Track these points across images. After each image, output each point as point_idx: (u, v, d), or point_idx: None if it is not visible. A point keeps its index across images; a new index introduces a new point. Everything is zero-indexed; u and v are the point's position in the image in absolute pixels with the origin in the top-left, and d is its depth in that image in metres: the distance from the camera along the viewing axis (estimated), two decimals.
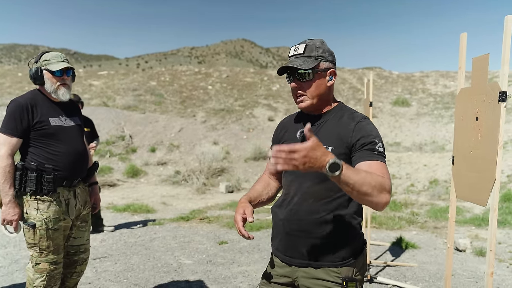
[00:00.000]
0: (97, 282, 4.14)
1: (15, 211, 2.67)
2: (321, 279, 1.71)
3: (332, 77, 1.77)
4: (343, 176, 1.37)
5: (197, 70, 22.63)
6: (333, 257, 1.71)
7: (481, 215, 7.08)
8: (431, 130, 14.56)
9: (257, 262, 4.75)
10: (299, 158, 1.32)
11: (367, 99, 4.56)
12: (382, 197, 1.47)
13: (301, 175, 1.75)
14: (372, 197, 1.46)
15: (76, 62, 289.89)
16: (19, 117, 2.67)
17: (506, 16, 1.97)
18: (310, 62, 1.71)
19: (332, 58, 1.77)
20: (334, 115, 1.77)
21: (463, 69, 2.52)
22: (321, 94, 1.75)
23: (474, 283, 4.29)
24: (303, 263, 1.75)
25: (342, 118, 1.75)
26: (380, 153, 1.63)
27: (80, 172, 2.92)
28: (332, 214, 1.70)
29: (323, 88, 1.75)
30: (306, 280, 1.74)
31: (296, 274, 1.77)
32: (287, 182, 1.84)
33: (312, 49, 1.74)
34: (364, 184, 1.42)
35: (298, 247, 1.75)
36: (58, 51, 2.92)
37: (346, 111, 1.78)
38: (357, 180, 1.41)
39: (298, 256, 1.76)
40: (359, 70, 23.31)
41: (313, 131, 1.71)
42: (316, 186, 1.71)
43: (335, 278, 1.70)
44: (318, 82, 1.73)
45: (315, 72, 1.72)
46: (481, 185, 2.20)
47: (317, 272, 1.72)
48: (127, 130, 13.49)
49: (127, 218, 6.94)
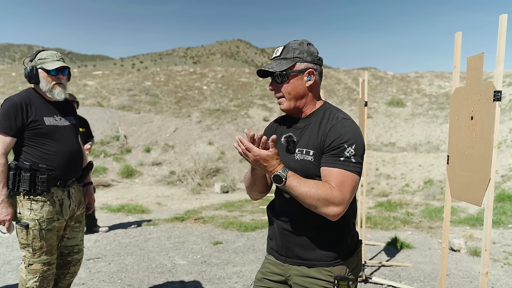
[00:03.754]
0: (91, 282, 4.11)
1: (8, 211, 2.64)
2: (313, 278, 1.73)
3: (311, 77, 1.75)
4: (287, 188, 1.59)
5: (192, 70, 22.60)
6: (325, 256, 1.72)
7: (476, 215, 7.11)
8: (426, 130, 14.61)
9: (251, 263, 4.74)
10: (251, 156, 1.59)
11: (362, 99, 4.57)
12: (329, 209, 1.56)
13: None
14: (317, 208, 1.57)
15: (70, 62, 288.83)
16: (13, 116, 2.64)
17: (501, 15, 1.98)
18: (285, 64, 1.73)
19: (311, 59, 1.75)
20: (316, 118, 1.76)
21: (458, 69, 2.52)
22: (298, 95, 1.75)
23: (468, 283, 4.30)
24: (296, 262, 1.77)
25: (322, 120, 1.73)
26: (346, 159, 1.60)
27: (74, 172, 2.90)
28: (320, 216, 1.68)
29: (301, 89, 1.74)
30: (299, 279, 1.76)
31: (289, 272, 1.79)
32: None
33: (289, 51, 1.75)
34: (307, 197, 1.56)
35: (291, 246, 1.77)
36: (53, 51, 2.90)
37: (328, 112, 1.76)
38: (301, 192, 1.57)
39: (291, 255, 1.78)
40: (354, 70, 23.36)
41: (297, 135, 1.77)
42: None
43: (327, 277, 1.71)
44: (294, 83, 1.73)
45: (289, 74, 1.72)
46: (476, 184, 2.20)
47: (309, 271, 1.74)
48: (122, 130, 13.44)
49: (121, 219, 6.91)
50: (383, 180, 10.45)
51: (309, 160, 1.69)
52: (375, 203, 8.57)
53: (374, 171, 10.85)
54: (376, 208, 8.07)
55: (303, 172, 1.68)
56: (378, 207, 8.16)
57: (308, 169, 1.69)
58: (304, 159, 1.70)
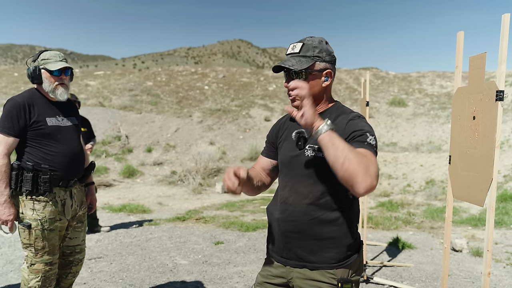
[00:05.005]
0: (92, 282, 4.11)
1: (10, 211, 2.64)
2: (316, 280, 1.70)
3: (328, 77, 1.73)
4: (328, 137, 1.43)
5: (193, 70, 22.61)
6: (328, 259, 1.69)
7: (478, 215, 7.10)
8: (427, 130, 14.59)
9: (253, 263, 4.74)
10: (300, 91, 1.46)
11: (363, 99, 4.56)
12: (367, 179, 1.38)
13: (296, 176, 1.74)
14: (355, 174, 1.38)
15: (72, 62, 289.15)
16: (16, 116, 2.64)
17: (503, 14, 1.97)
18: (305, 62, 1.68)
19: (330, 59, 1.72)
20: (330, 115, 1.73)
21: (460, 68, 2.51)
22: (315, 95, 1.70)
23: (470, 284, 4.29)
24: (298, 264, 1.73)
25: (337, 118, 1.71)
26: (369, 144, 1.56)
27: (76, 172, 2.90)
28: (327, 215, 1.68)
29: (318, 89, 1.72)
30: (301, 281, 1.73)
31: (291, 275, 1.76)
32: (283, 182, 1.82)
33: (309, 49, 1.70)
34: (350, 153, 1.40)
35: (293, 248, 1.74)
36: (55, 51, 2.90)
37: (342, 111, 1.75)
38: (344, 147, 1.41)
39: (293, 257, 1.75)
40: (356, 70, 23.35)
41: (308, 132, 1.72)
42: (310, 187, 1.70)
43: (330, 280, 1.68)
44: (312, 83, 1.69)
45: (308, 73, 1.69)
46: (478, 185, 2.20)
47: (312, 274, 1.71)
48: (123, 130, 13.45)
49: (123, 219, 6.91)
50: (384, 180, 10.44)
51: (321, 156, 1.63)
52: (376, 203, 8.56)
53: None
54: (377, 208, 8.06)
55: (314, 169, 1.68)
56: (380, 207, 8.16)
57: (319, 166, 1.66)
58: (316, 155, 1.68)
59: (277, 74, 21.33)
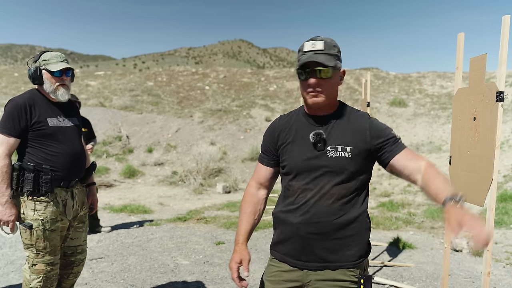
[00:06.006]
0: (94, 282, 4.12)
1: (11, 212, 2.65)
2: (337, 280, 1.71)
3: (342, 77, 1.77)
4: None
5: (194, 71, 22.61)
6: (350, 256, 1.72)
7: (478, 215, 7.09)
8: (428, 131, 14.58)
9: (254, 263, 4.75)
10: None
11: (364, 99, 4.57)
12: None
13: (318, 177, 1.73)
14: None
15: (72, 62, 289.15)
16: (17, 117, 2.65)
17: (504, 16, 1.98)
18: (332, 60, 1.69)
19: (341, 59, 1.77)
20: (341, 116, 1.77)
21: (460, 69, 2.52)
22: (335, 93, 1.76)
23: (470, 283, 4.29)
24: (319, 266, 1.73)
25: (350, 117, 1.76)
26: (400, 141, 1.75)
27: (77, 173, 2.91)
28: (349, 214, 1.71)
29: (336, 88, 1.75)
30: (321, 283, 1.72)
31: (309, 278, 1.74)
32: (300, 185, 1.76)
33: (331, 47, 1.71)
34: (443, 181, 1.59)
35: (314, 250, 1.72)
36: (56, 51, 2.91)
37: (349, 110, 1.80)
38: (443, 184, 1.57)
39: (313, 259, 1.73)
40: (356, 70, 23.34)
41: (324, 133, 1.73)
42: (336, 186, 1.71)
43: (351, 277, 1.71)
44: (334, 81, 1.73)
45: (333, 71, 1.70)
46: (478, 185, 2.20)
47: (333, 274, 1.71)
48: (124, 130, 13.46)
49: (124, 219, 6.92)
50: (385, 180, 10.44)
51: (345, 156, 1.70)
52: (377, 203, 8.56)
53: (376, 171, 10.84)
54: (378, 208, 8.06)
55: (338, 168, 1.70)
56: (380, 207, 8.16)
57: (343, 165, 1.70)
58: (340, 155, 1.70)
59: (278, 74, 21.33)
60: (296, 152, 1.78)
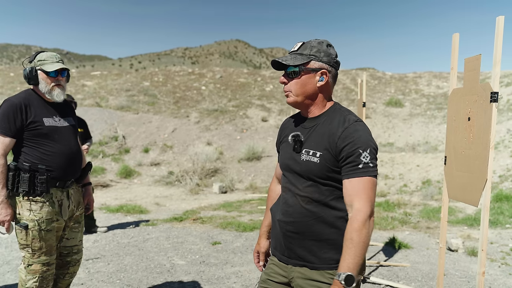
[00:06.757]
0: (90, 283, 4.12)
1: (7, 212, 2.65)
2: (315, 281, 1.72)
3: (324, 77, 1.73)
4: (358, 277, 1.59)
5: (190, 71, 22.60)
6: (328, 260, 1.71)
7: (473, 215, 7.13)
8: (424, 131, 14.63)
9: (250, 263, 4.75)
10: None
11: (360, 99, 4.58)
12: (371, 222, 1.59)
13: (295, 178, 1.77)
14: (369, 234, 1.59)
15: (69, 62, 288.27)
16: (12, 117, 2.65)
17: (498, 17, 1.99)
18: (299, 59, 1.71)
19: (328, 60, 1.73)
20: (326, 119, 1.74)
21: (455, 70, 2.53)
22: (307, 93, 1.74)
23: (466, 283, 4.31)
24: (299, 263, 1.77)
25: (332, 122, 1.72)
26: (364, 165, 1.61)
27: (73, 173, 2.90)
28: (326, 216, 1.71)
29: (310, 88, 1.73)
30: (301, 281, 1.76)
31: (292, 274, 1.79)
32: (284, 184, 1.86)
33: (306, 47, 1.74)
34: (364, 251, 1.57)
35: (293, 248, 1.76)
36: (52, 51, 2.91)
37: (339, 114, 1.74)
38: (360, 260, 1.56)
39: (293, 257, 1.78)
40: (352, 70, 23.38)
41: (304, 135, 1.76)
42: (309, 188, 1.72)
43: (329, 280, 1.70)
44: (304, 80, 1.72)
45: (301, 70, 1.71)
46: (473, 185, 2.21)
47: (312, 273, 1.73)
48: (120, 130, 13.43)
49: (120, 219, 6.91)
50: (381, 181, 10.47)
51: (314, 162, 1.69)
52: None
53: None
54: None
55: (306, 172, 1.71)
56: (376, 207, 8.18)
57: (312, 171, 1.70)
58: (310, 160, 1.70)
59: (274, 75, 21.35)
60: (283, 151, 1.87)
